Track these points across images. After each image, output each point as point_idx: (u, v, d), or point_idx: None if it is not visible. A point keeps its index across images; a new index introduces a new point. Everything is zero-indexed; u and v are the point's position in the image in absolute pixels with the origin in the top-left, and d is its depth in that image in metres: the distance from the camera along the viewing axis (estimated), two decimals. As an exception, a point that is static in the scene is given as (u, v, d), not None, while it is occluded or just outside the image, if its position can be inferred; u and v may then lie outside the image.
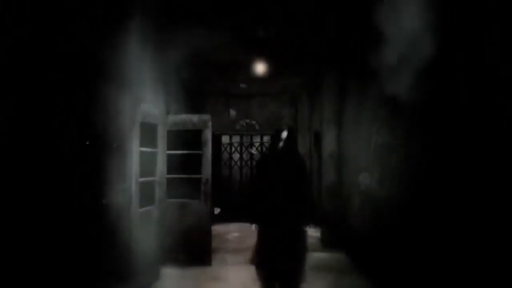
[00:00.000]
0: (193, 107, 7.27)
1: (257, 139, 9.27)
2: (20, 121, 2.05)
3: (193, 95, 7.99)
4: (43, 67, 2.20)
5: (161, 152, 4.56)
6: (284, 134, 3.46)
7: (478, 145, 2.68)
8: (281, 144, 3.44)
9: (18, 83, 2.03)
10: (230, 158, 9.27)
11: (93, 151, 2.83)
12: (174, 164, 5.00)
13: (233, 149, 9.28)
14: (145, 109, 4.19)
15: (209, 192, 4.93)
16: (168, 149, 4.97)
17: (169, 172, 4.95)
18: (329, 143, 6.47)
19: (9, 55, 1.96)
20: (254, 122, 8.79)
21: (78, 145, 2.63)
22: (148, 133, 4.32)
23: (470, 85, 2.84)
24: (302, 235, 3.45)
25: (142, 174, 4.21)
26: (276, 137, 3.49)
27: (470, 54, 2.84)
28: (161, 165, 4.52)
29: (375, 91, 4.79)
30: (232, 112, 8.68)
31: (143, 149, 4.17)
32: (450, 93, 3.04)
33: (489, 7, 2.54)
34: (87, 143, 2.71)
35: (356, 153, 5.52)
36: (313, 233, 6.72)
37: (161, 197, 4.48)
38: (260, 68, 7.88)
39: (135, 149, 3.94)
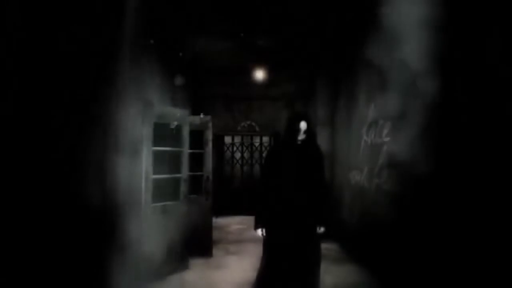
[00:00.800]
0: (197, 109, 7.22)
1: (257, 139, 9.25)
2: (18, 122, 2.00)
3: (197, 99, 7.97)
4: (42, 68, 2.15)
5: (185, 151, 4.48)
6: (303, 125, 2.77)
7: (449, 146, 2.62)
8: (300, 136, 2.77)
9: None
10: (232, 156, 9.25)
11: (99, 149, 2.78)
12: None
13: (234, 148, 9.26)
14: (159, 112, 4.14)
15: (210, 189, 4.89)
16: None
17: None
18: (322, 143, 6.40)
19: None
20: (254, 124, 8.74)
21: (81, 142, 2.59)
22: (163, 133, 4.31)
23: (461, 86, 2.77)
24: (317, 248, 2.80)
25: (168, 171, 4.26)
26: (292, 124, 2.78)
27: (464, 53, 2.77)
28: (185, 163, 4.45)
29: (363, 95, 4.75)
30: (234, 114, 8.63)
31: (158, 148, 4.12)
32: (438, 99, 2.98)
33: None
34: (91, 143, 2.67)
35: (347, 151, 5.48)
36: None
37: (185, 193, 4.42)
38: (259, 73, 7.87)
39: (145, 148, 3.91)
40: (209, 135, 4.91)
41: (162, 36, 5.04)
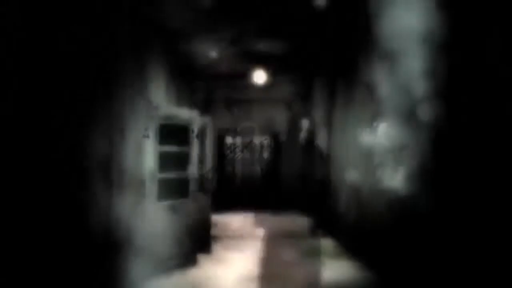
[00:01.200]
0: (199, 110, 7.20)
1: (257, 140, 9.23)
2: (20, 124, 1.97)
3: (199, 100, 7.95)
4: (42, 69, 2.12)
5: (194, 150, 4.43)
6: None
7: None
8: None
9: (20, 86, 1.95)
10: (233, 156, 9.23)
11: (100, 149, 2.75)
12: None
13: (235, 148, 9.24)
14: (165, 112, 4.10)
15: (210, 187, 4.87)
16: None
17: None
18: (320, 143, 6.37)
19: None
20: (254, 125, 8.71)
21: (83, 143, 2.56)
22: (169, 133, 4.27)
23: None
24: None
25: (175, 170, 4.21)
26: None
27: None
28: (195, 162, 4.40)
29: (360, 96, 4.72)
30: (235, 115, 8.61)
31: (165, 148, 4.09)
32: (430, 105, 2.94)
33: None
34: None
35: (344, 151, 5.44)
36: (306, 222, 6.64)
37: (194, 191, 4.37)
38: (259, 76, 7.85)
39: (149, 148, 3.88)
40: (209, 135, 4.89)
41: (165, 39, 5.02)
